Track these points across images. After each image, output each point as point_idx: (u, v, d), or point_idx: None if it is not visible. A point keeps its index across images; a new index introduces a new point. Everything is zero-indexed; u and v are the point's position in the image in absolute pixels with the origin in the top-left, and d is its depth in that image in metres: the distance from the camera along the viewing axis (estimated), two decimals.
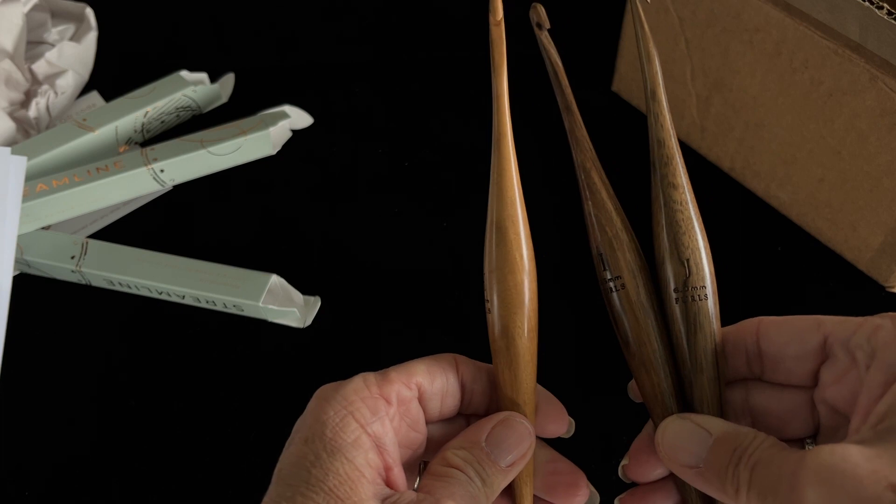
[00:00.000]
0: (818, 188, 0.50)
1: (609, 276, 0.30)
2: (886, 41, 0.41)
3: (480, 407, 0.32)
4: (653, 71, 0.30)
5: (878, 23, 0.41)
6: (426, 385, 0.30)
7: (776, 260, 0.52)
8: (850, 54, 0.43)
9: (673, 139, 0.30)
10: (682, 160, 0.30)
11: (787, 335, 0.28)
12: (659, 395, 0.29)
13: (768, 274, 0.51)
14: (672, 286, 0.29)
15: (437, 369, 0.30)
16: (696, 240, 0.29)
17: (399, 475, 0.28)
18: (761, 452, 0.25)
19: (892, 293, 0.50)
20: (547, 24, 0.31)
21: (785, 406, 0.29)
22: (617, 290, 0.30)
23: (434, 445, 0.31)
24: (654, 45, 0.31)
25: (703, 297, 0.29)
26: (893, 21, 0.40)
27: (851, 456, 0.22)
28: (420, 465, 0.32)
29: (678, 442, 0.27)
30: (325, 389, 0.28)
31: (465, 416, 0.32)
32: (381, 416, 0.27)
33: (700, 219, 0.29)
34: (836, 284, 0.50)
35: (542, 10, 0.31)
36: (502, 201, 0.30)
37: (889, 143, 0.44)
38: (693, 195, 0.30)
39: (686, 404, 0.30)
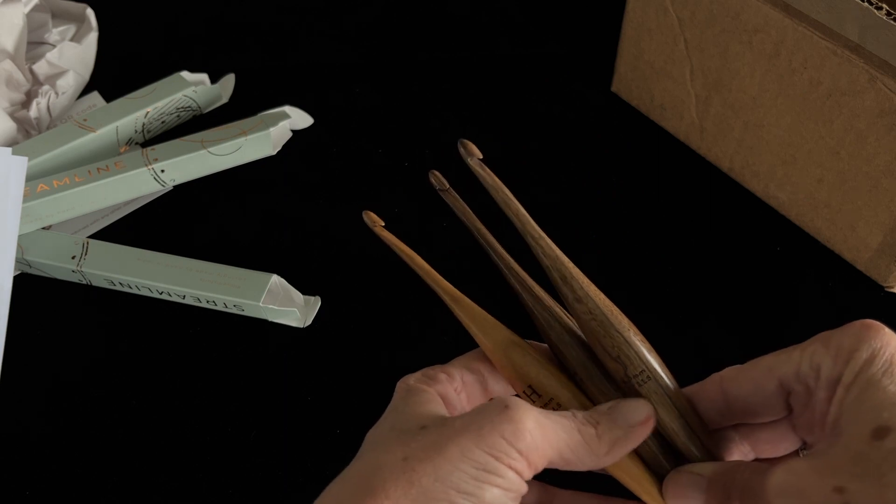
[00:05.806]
0: (817, 188, 0.50)
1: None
2: (885, 42, 0.41)
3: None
4: (515, 211, 0.32)
5: (877, 23, 0.41)
6: (487, 372, 0.33)
7: (775, 260, 0.52)
8: (849, 55, 0.43)
9: (561, 258, 0.31)
10: (577, 271, 0.31)
11: (746, 387, 0.31)
12: (654, 460, 0.32)
13: (767, 274, 0.51)
14: (619, 378, 0.31)
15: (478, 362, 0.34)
16: (619, 336, 0.31)
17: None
18: (744, 480, 0.28)
19: (891, 293, 0.50)
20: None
21: (773, 435, 0.32)
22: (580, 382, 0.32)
23: None
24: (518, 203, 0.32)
25: (645, 379, 0.31)
26: (892, 21, 0.41)
27: (799, 469, 0.26)
28: None
29: (679, 490, 0.31)
30: (403, 377, 0.32)
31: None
32: (442, 382, 0.31)
33: (615, 311, 0.31)
34: (834, 284, 0.50)
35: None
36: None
37: (888, 143, 0.44)
38: (598, 292, 0.31)
39: (681, 460, 0.33)
